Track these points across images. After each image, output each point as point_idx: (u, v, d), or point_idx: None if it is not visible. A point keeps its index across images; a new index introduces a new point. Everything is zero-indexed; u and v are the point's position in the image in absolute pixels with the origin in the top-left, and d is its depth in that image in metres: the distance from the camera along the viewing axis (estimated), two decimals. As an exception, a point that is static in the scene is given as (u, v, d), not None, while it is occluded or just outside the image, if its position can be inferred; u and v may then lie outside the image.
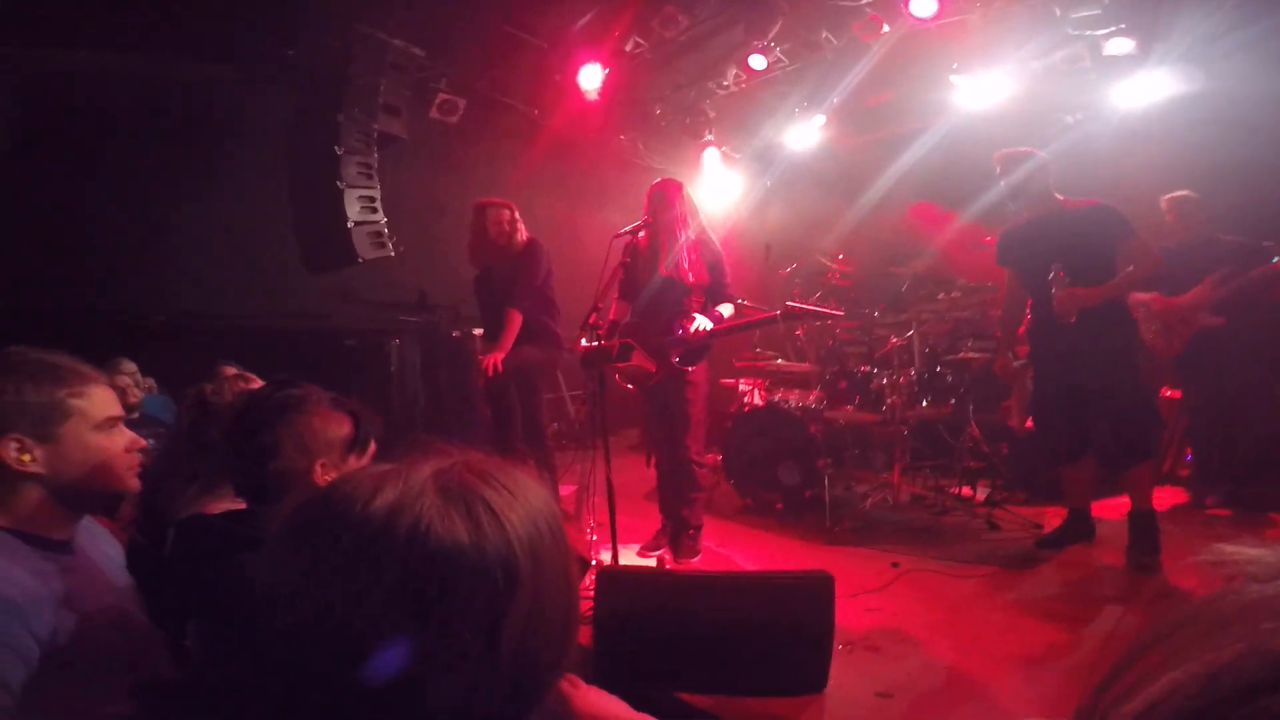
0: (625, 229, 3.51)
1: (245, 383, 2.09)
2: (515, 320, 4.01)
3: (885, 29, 4.95)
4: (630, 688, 1.39)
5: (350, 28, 5.19)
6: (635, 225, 3.53)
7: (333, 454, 1.41)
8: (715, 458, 4.73)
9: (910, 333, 4.56)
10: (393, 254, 5.39)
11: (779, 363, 5.13)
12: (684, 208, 3.65)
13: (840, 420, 4.78)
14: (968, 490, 4.43)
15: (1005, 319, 3.84)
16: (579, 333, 3.26)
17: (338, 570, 0.58)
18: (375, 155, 5.33)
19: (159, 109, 5.00)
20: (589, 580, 2.50)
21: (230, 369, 2.21)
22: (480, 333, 4.99)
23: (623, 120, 6.76)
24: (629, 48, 5.60)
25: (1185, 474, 4.49)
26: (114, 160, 4.80)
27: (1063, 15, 4.65)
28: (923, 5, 4.64)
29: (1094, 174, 4.50)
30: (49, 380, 1.19)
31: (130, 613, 1.30)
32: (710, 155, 6.93)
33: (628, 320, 3.72)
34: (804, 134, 6.45)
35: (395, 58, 5.41)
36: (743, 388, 5.39)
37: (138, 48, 4.83)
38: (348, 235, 5.14)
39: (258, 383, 2.08)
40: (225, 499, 1.69)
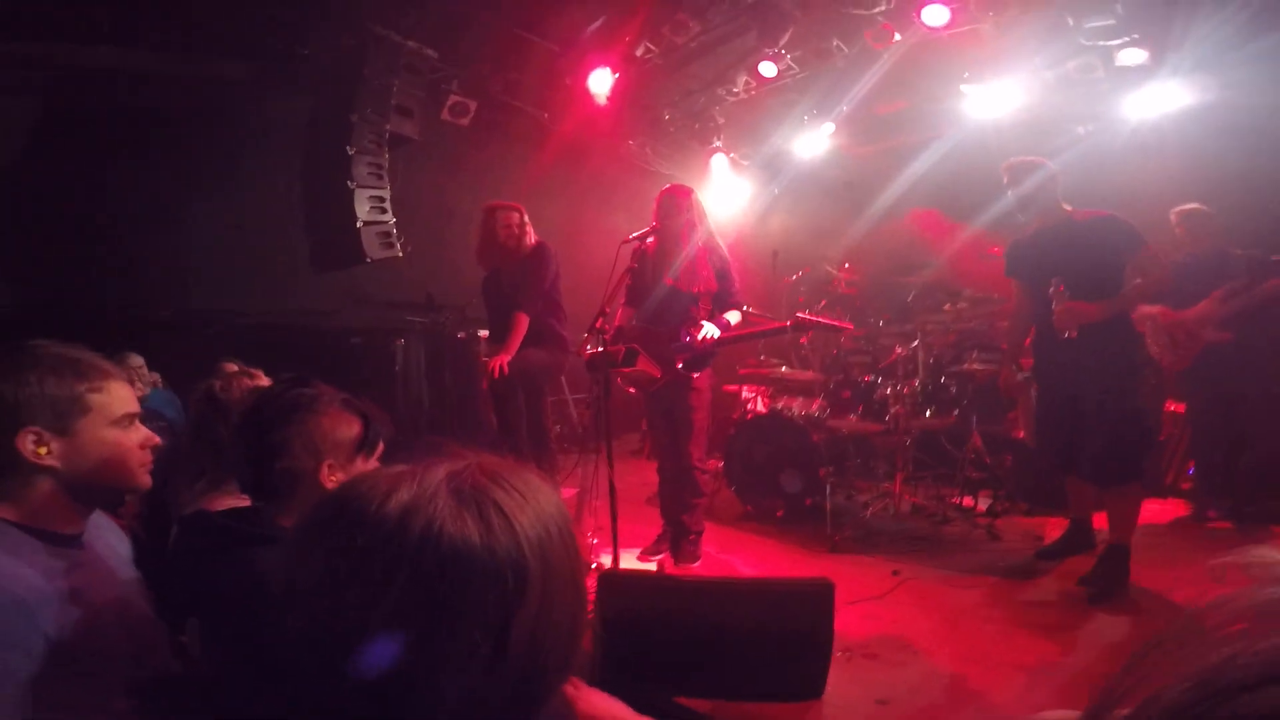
0: (634, 234, 3.52)
1: (251, 379, 2.10)
2: (522, 323, 4.02)
3: (897, 38, 4.95)
4: (631, 691, 1.40)
5: (365, 29, 5.23)
6: (644, 231, 3.53)
7: (340, 455, 1.42)
8: (717, 464, 4.73)
9: (915, 343, 4.56)
10: (400, 254, 5.42)
11: (783, 370, 5.14)
12: (693, 214, 3.65)
13: (843, 429, 4.78)
14: (969, 500, 4.42)
15: (1012, 331, 3.83)
16: (585, 337, 3.26)
17: (352, 569, 0.59)
18: (386, 156, 5.36)
19: (174, 107, 5.05)
20: (589, 584, 2.51)
21: (231, 366, 2.22)
22: (486, 334, 5.01)
23: (632, 125, 6.78)
24: (640, 53, 5.62)
25: (1187, 487, 4.47)
26: (127, 156, 4.84)
27: (1076, 25, 4.64)
28: (935, 14, 4.63)
29: (1105, 185, 4.50)
30: (70, 374, 1.19)
31: (136, 607, 1.31)
32: (719, 161, 6.95)
33: (634, 325, 3.72)
34: (813, 142, 6.46)
35: (409, 59, 5.45)
36: (746, 394, 5.40)
37: (154, 46, 4.87)
38: (357, 235, 5.16)
39: (264, 379, 2.09)
40: (230, 496, 1.70)
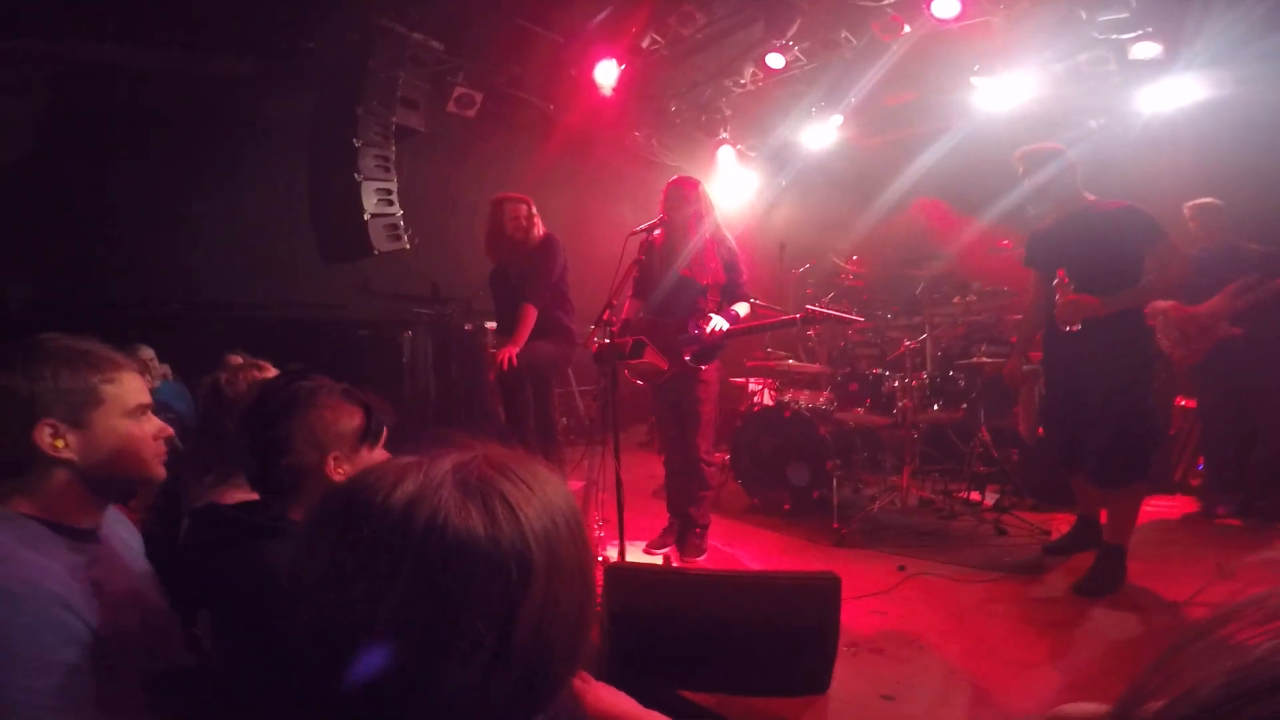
0: (641, 226, 3.50)
1: (260, 371, 2.10)
2: (530, 315, 4.02)
3: (906, 29, 4.91)
4: (638, 685, 1.40)
5: (370, 21, 5.22)
6: (651, 223, 3.51)
7: (344, 446, 1.42)
8: (724, 457, 4.73)
9: (923, 336, 4.54)
10: (407, 246, 5.42)
11: (790, 363, 5.12)
12: (700, 205, 3.63)
13: (850, 422, 4.77)
14: (976, 495, 4.41)
15: (1024, 323, 3.76)
16: (592, 329, 3.25)
17: (358, 562, 0.59)
18: (392, 148, 5.36)
19: (178, 103, 5.06)
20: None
21: (237, 359, 2.23)
22: (493, 326, 5.01)
23: (638, 117, 6.76)
24: (646, 44, 5.60)
25: (1197, 483, 4.45)
26: (132, 153, 4.86)
27: (1088, 18, 4.58)
28: (945, 6, 4.59)
29: (1116, 179, 4.45)
30: (83, 366, 1.19)
31: (151, 600, 1.31)
32: (725, 153, 6.92)
33: (641, 317, 3.71)
34: (821, 134, 6.43)
35: (414, 51, 5.44)
36: (753, 387, 5.39)
37: (158, 43, 4.88)
38: (364, 227, 5.17)
39: (271, 371, 2.10)
40: (240, 489, 1.70)
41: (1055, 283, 3.18)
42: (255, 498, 1.46)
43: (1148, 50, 4.70)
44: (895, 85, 5.72)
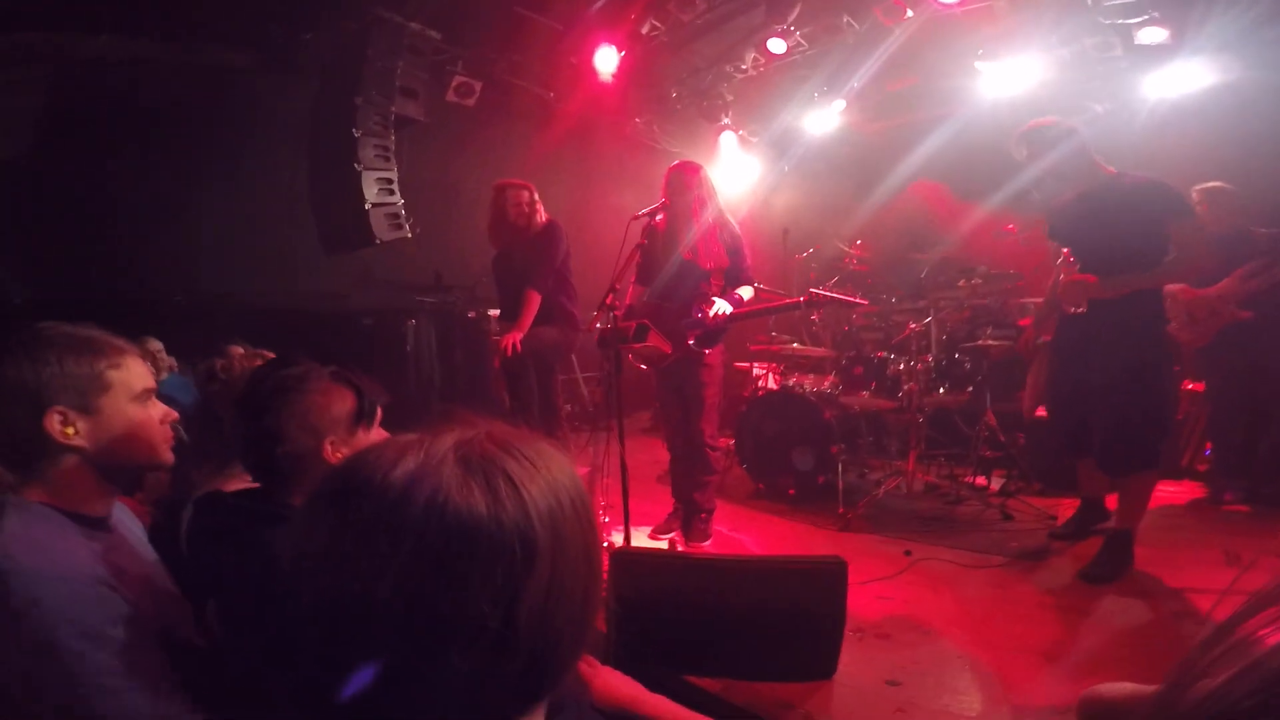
0: (643, 211, 3.48)
1: (262, 360, 2.09)
2: (534, 301, 4.02)
3: (909, 14, 4.86)
4: (643, 670, 1.40)
5: (368, 11, 5.19)
6: (653, 207, 3.50)
7: (339, 429, 1.41)
8: (728, 441, 4.72)
9: (928, 319, 4.51)
10: (409, 235, 5.41)
11: (794, 347, 5.10)
12: (702, 190, 3.61)
13: (855, 406, 4.75)
14: (982, 480, 4.39)
15: (1047, 302, 3.61)
16: (595, 314, 3.25)
17: (358, 539, 0.57)
18: (392, 137, 5.33)
19: (180, 93, 5.05)
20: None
21: (239, 349, 2.22)
22: (497, 313, 5.01)
23: (639, 103, 6.72)
24: (645, 30, 5.55)
25: (1204, 469, 4.43)
26: (133, 146, 4.86)
27: (1094, 3, 4.54)
28: (949, -11, 4.55)
29: (1122, 163, 4.42)
30: (88, 352, 1.19)
31: (162, 585, 1.32)
32: (727, 139, 6.87)
33: (645, 302, 3.70)
34: (823, 119, 6.38)
35: (412, 40, 5.40)
36: (757, 371, 5.38)
37: (159, 33, 4.86)
38: (365, 217, 5.15)
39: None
40: (241, 477, 1.70)
41: (1059, 262, 3.12)
42: (257, 486, 1.45)
43: (1154, 35, 4.64)
44: (898, 70, 5.66)
